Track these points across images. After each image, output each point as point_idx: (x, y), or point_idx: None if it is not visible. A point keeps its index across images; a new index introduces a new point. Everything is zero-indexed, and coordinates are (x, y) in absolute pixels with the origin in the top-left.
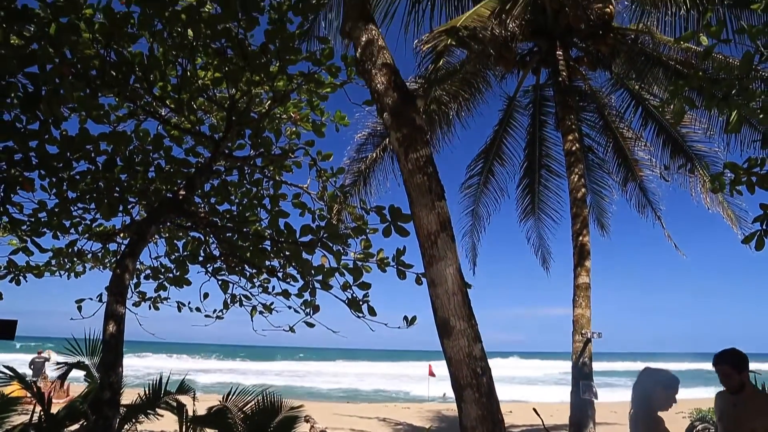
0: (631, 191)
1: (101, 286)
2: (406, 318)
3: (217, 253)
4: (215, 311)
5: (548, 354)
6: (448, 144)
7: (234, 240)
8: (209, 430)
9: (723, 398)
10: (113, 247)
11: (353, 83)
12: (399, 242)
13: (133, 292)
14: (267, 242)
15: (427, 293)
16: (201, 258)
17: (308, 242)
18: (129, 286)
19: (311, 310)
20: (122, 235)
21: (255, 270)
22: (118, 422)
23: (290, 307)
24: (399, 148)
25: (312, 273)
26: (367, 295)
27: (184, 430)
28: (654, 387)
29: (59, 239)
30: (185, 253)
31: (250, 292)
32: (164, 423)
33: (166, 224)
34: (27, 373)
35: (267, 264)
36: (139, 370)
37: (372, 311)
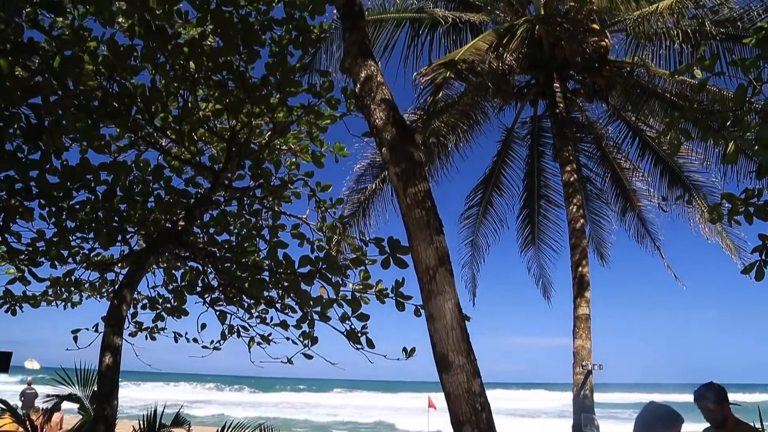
0: (630, 221)
1: (97, 316)
2: (405, 350)
3: (216, 284)
4: (213, 342)
5: (551, 385)
6: (447, 175)
7: (232, 270)
8: None
9: None
10: (111, 277)
11: (352, 115)
12: (398, 273)
13: (130, 323)
14: (265, 273)
15: (424, 315)
16: (199, 288)
17: (307, 273)
18: (126, 317)
19: (309, 342)
20: (120, 265)
21: (253, 301)
22: None
23: (288, 339)
24: (398, 183)
25: (310, 304)
26: (366, 327)
27: None
28: (655, 424)
29: (56, 268)
30: (183, 283)
31: (248, 323)
32: None
33: (165, 254)
34: (18, 404)
35: (265, 295)
36: (134, 401)
37: (370, 343)
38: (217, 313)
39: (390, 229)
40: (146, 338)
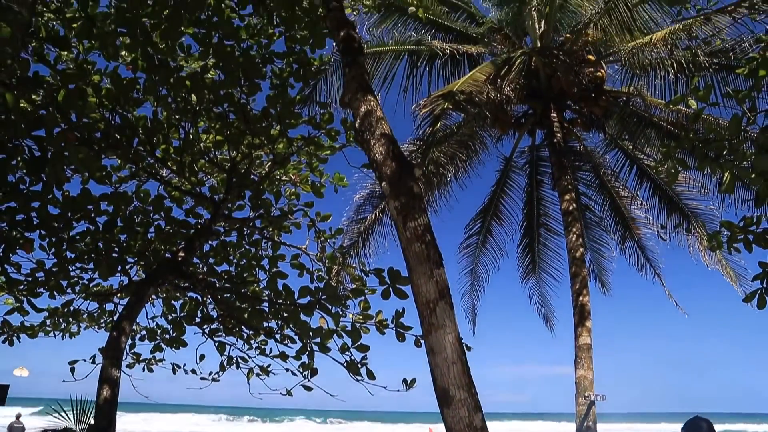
0: (630, 249)
1: (94, 346)
2: (405, 381)
3: (215, 314)
4: (211, 373)
5: (552, 415)
6: (446, 204)
7: (232, 301)
8: None
9: None
10: (109, 307)
11: (352, 146)
12: (398, 304)
13: (128, 354)
14: (265, 303)
15: (425, 348)
16: (198, 319)
17: (307, 304)
18: (125, 349)
19: (309, 373)
20: (119, 295)
21: (252, 331)
22: None
23: (288, 370)
24: (397, 217)
25: (310, 335)
26: (366, 358)
27: None
28: None
29: (55, 299)
30: (182, 314)
31: (247, 354)
32: None
33: (164, 285)
34: None
35: (265, 325)
36: None
37: (371, 375)
38: (216, 344)
39: (390, 259)
40: (144, 370)
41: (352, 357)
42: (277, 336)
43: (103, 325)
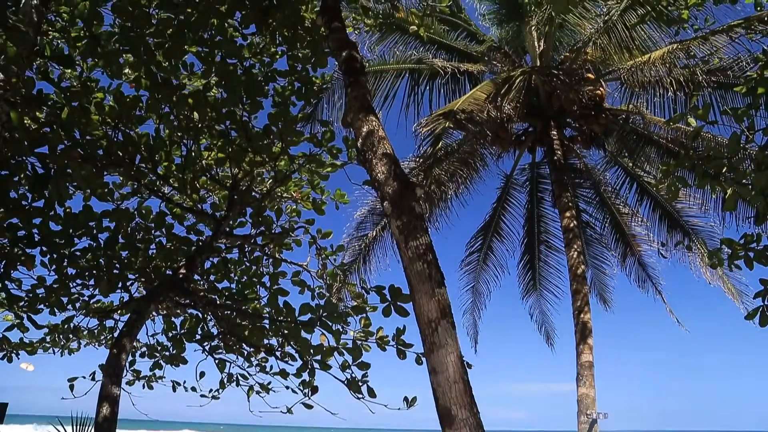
0: (631, 266)
1: (94, 363)
2: (407, 399)
3: (215, 332)
4: (211, 391)
5: None
6: (447, 222)
7: (232, 318)
8: None
9: None
10: (110, 324)
11: (353, 163)
12: (399, 321)
13: (128, 371)
14: (266, 320)
15: (427, 369)
16: (198, 336)
17: (307, 321)
18: (125, 366)
19: (309, 391)
20: (120, 312)
21: (253, 349)
22: None
23: (288, 387)
24: (399, 236)
25: (311, 352)
26: (367, 375)
27: None
28: None
29: (56, 315)
30: (182, 331)
31: (248, 372)
32: None
33: (165, 302)
34: None
35: (265, 342)
36: None
37: (372, 392)
38: (216, 362)
39: (391, 277)
40: (143, 387)
41: (353, 375)
42: (278, 353)
43: (104, 342)
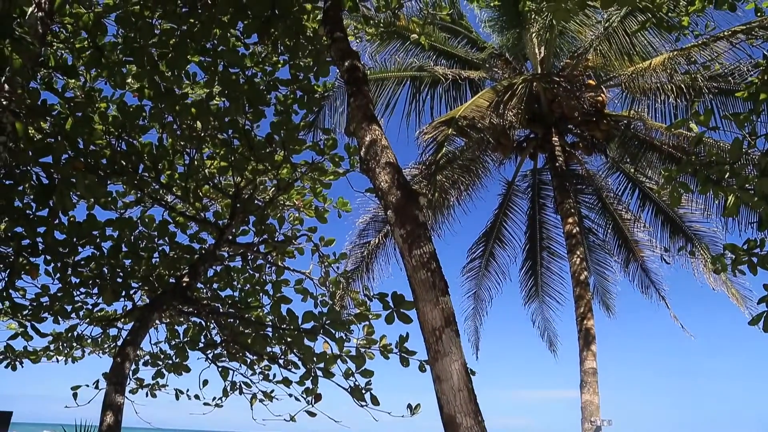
0: (634, 272)
1: (97, 372)
2: (410, 406)
3: (218, 340)
4: (214, 399)
5: None
6: (449, 228)
7: (235, 326)
8: None
9: None
10: (113, 332)
11: (355, 171)
12: (402, 328)
13: (131, 379)
14: (269, 328)
15: (431, 377)
16: (201, 344)
17: (310, 329)
18: (128, 374)
19: (313, 399)
20: (123, 321)
21: (256, 356)
22: None
23: (291, 395)
24: (403, 245)
25: (314, 360)
26: (370, 383)
27: None
28: None
29: (59, 324)
30: (185, 339)
31: (251, 380)
32: None
33: (168, 310)
34: None
35: (268, 350)
36: None
37: (375, 400)
38: (220, 370)
39: (393, 284)
40: (146, 395)
41: (357, 382)
42: (281, 361)
43: (107, 351)
